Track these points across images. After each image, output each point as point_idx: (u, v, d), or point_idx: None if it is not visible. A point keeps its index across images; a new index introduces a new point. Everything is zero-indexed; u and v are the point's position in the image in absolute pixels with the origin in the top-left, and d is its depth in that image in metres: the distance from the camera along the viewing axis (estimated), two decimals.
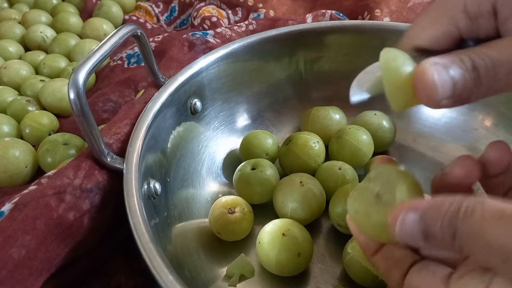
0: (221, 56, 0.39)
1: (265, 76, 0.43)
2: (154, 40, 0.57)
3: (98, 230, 0.30)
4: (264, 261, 0.32)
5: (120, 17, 0.69)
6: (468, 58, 0.18)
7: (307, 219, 0.34)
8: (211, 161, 0.41)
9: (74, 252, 0.28)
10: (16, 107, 0.47)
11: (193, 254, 0.34)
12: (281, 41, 0.42)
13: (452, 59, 0.18)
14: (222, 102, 0.42)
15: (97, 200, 0.29)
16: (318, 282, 0.32)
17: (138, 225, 0.25)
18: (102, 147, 0.29)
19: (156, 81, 0.37)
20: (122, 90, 0.50)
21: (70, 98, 0.26)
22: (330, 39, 0.43)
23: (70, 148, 0.40)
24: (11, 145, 0.39)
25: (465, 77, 0.18)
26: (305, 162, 0.37)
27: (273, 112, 0.46)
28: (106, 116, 0.47)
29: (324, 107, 0.42)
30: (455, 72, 0.18)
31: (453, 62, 0.18)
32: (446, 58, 0.18)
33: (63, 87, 0.48)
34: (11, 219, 0.26)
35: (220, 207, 0.34)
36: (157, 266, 0.23)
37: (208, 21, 0.61)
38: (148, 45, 0.34)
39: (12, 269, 0.24)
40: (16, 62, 0.54)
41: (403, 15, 0.54)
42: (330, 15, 0.54)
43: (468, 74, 0.18)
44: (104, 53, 0.28)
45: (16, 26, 0.63)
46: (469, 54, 0.18)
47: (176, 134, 0.36)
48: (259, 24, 0.54)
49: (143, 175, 0.29)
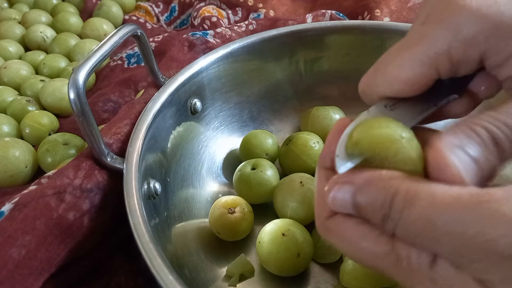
0: (221, 56, 0.39)
1: (265, 76, 0.43)
2: (154, 40, 0.57)
3: (98, 230, 0.30)
4: (264, 261, 0.32)
5: (120, 17, 0.69)
6: (483, 130, 0.15)
7: (307, 219, 0.34)
8: (211, 161, 0.41)
9: (74, 252, 0.28)
10: (16, 107, 0.47)
11: (193, 254, 0.34)
12: (281, 41, 0.42)
13: (467, 134, 0.15)
14: (222, 102, 0.42)
15: (97, 200, 0.29)
16: (318, 282, 0.32)
17: (138, 225, 0.25)
18: (102, 147, 0.29)
19: (156, 81, 0.37)
20: (122, 90, 0.50)
21: (70, 98, 0.26)
22: (330, 39, 0.43)
23: (70, 148, 0.40)
24: (11, 145, 0.39)
25: (487, 157, 0.15)
26: (305, 162, 0.37)
27: (273, 112, 0.45)
28: (106, 116, 0.47)
29: (324, 107, 0.42)
30: (475, 151, 0.15)
31: (470, 137, 0.15)
32: (460, 134, 0.15)
33: (63, 87, 0.48)
34: (11, 219, 0.26)
35: (220, 207, 0.34)
36: (157, 266, 0.23)
37: (208, 21, 0.61)
38: (148, 45, 0.34)
39: (12, 269, 0.24)
40: (16, 62, 0.54)
41: (403, 15, 0.54)
42: (330, 15, 0.54)
43: (488, 152, 0.15)
44: (104, 53, 0.28)
45: (16, 26, 0.63)
46: (483, 125, 0.15)
47: (176, 134, 0.36)
48: (259, 24, 0.54)
49: (143, 175, 0.29)
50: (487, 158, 0.15)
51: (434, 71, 0.18)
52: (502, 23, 0.17)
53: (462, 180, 0.15)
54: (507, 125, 0.15)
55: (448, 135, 0.15)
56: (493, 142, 0.15)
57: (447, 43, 0.18)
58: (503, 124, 0.15)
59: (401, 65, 0.18)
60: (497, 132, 0.15)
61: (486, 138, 0.15)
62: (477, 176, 0.15)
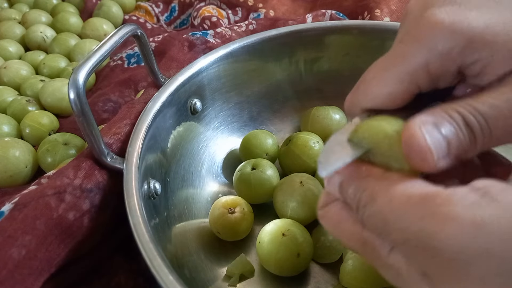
0: (221, 56, 0.39)
1: (265, 76, 0.43)
2: (154, 40, 0.57)
3: (98, 230, 0.30)
4: (264, 261, 0.32)
5: (120, 17, 0.69)
6: (457, 114, 0.16)
7: (307, 219, 0.34)
8: (211, 161, 0.41)
9: (74, 252, 0.28)
10: (16, 107, 0.47)
11: (193, 254, 0.34)
12: (281, 41, 0.42)
13: (441, 115, 0.16)
14: (222, 102, 0.42)
15: (97, 200, 0.29)
16: (318, 282, 0.32)
17: (138, 225, 0.25)
18: (102, 147, 0.29)
19: (156, 81, 0.37)
20: (122, 90, 0.50)
21: (70, 98, 0.26)
22: (330, 39, 0.43)
23: (70, 148, 0.40)
24: (11, 145, 0.39)
25: (458, 136, 0.16)
26: (305, 162, 0.37)
27: (273, 112, 0.45)
28: (106, 116, 0.47)
29: (324, 107, 0.42)
30: (447, 130, 0.16)
31: (443, 118, 0.16)
32: (434, 115, 0.16)
33: (63, 87, 0.48)
34: (11, 219, 0.26)
35: (220, 207, 0.34)
36: (157, 266, 0.23)
37: (208, 21, 0.61)
38: (148, 45, 0.34)
39: (12, 269, 0.24)
40: (16, 62, 0.54)
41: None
42: (330, 15, 0.54)
43: (461, 133, 0.16)
44: (104, 53, 0.28)
45: (16, 26, 0.63)
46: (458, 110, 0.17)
47: (176, 134, 0.36)
48: (259, 24, 0.54)
49: (143, 175, 0.29)
50: (459, 139, 0.16)
51: (414, 86, 0.19)
52: (474, 37, 0.17)
53: (432, 157, 0.16)
54: (481, 113, 0.16)
55: (423, 115, 0.17)
56: (466, 126, 0.16)
57: (424, 59, 0.18)
58: (477, 112, 0.16)
59: (381, 83, 0.19)
60: (471, 117, 0.16)
61: (459, 120, 0.16)
62: (448, 157, 0.16)
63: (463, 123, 0.16)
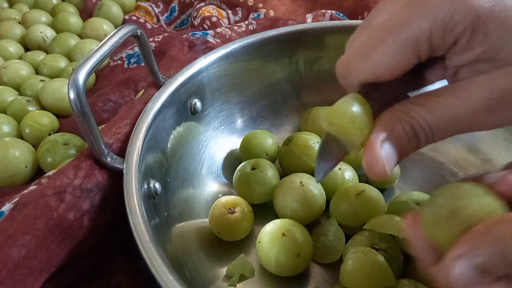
0: (221, 56, 0.39)
1: (265, 76, 0.43)
2: (154, 40, 0.57)
3: (98, 230, 0.30)
4: (264, 261, 0.32)
5: (120, 17, 0.69)
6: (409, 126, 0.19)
7: (307, 219, 0.34)
8: (211, 161, 0.41)
9: (74, 252, 0.28)
10: (16, 107, 0.47)
11: (193, 254, 0.34)
12: (281, 41, 0.42)
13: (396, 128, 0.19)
14: (222, 102, 0.42)
15: (97, 200, 0.29)
16: (318, 282, 0.32)
17: (138, 225, 0.25)
18: (102, 147, 0.29)
19: (156, 81, 0.37)
20: (122, 90, 0.50)
21: (70, 98, 0.26)
22: (330, 39, 0.43)
23: (70, 148, 0.40)
24: (11, 145, 0.39)
25: (407, 145, 0.19)
26: (305, 162, 0.37)
27: (273, 112, 0.45)
28: (106, 116, 0.47)
29: (324, 107, 0.42)
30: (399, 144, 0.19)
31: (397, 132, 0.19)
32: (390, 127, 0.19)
33: (63, 87, 0.48)
34: (11, 219, 0.25)
35: (220, 207, 0.34)
36: (157, 266, 0.23)
37: (208, 21, 0.61)
38: (148, 45, 0.34)
39: (12, 269, 0.24)
40: (16, 62, 0.54)
41: None
42: (330, 15, 0.54)
43: (409, 143, 0.19)
44: (104, 53, 0.28)
45: (16, 26, 0.63)
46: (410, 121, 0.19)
47: (176, 134, 0.36)
48: (259, 24, 0.54)
49: (143, 175, 0.29)
50: (407, 147, 0.19)
51: (415, 56, 0.19)
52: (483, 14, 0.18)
53: (386, 172, 0.19)
54: (428, 123, 0.19)
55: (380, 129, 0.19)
56: (414, 136, 0.19)
57: (428, 28, 0.18)
58: (426, 123, 0.19)
59: (384, 51, 0.19)
60: (419, 128, 0.19)
61: (410, 133, 0.19)
62: (396, 162, 0.19)
63: (412, 134, 0.19)
